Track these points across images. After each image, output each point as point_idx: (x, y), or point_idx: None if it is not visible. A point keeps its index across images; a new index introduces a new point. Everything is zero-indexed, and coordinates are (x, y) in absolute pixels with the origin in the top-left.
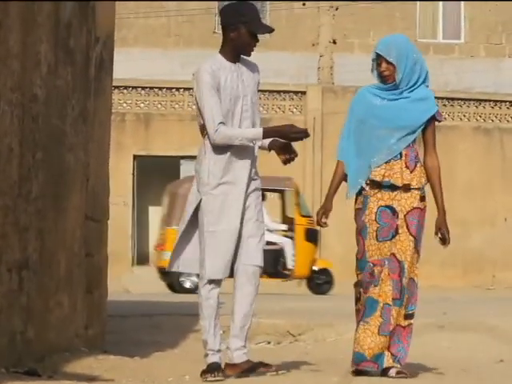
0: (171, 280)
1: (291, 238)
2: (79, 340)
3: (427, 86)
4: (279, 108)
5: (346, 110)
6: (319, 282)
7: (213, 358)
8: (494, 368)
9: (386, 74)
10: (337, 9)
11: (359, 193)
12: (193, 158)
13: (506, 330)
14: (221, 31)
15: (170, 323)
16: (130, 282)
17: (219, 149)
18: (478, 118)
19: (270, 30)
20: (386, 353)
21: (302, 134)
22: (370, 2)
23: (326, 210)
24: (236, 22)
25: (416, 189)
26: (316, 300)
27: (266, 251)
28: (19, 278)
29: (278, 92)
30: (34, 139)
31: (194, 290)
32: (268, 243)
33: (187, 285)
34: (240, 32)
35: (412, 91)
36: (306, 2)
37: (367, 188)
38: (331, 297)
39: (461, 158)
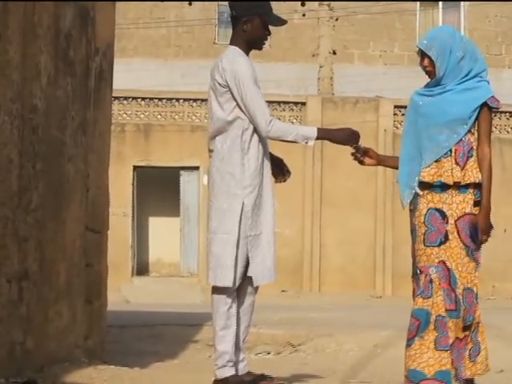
0: None
1: None
2: (79, 350)
3: (481, 79)
4: (279, 118)
5: (345, 121)
6: None
7: (232, 370)
8: (495, 378)
9: (428, 69)
10: (337, 19)
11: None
12: (193, 168)
13: (505, 339)
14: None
15: (169, 333)
16: (129, 293)
17: (256, 149)
18: None
19: (285, 22)
20: (452, 371)
21: (356, 137)
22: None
23: (373, 152)
24: (251, 13)
25: (470, 192)
26: (315, 310)
27: None
28: (19, 288)
29: (278, 103)
30: (33, 150)
31: None
32: None
33: None
34: (254, 24)
35: (459, 84)
36: (306, 13)
37: (417, 189)
38: (330, 307)
39: None
